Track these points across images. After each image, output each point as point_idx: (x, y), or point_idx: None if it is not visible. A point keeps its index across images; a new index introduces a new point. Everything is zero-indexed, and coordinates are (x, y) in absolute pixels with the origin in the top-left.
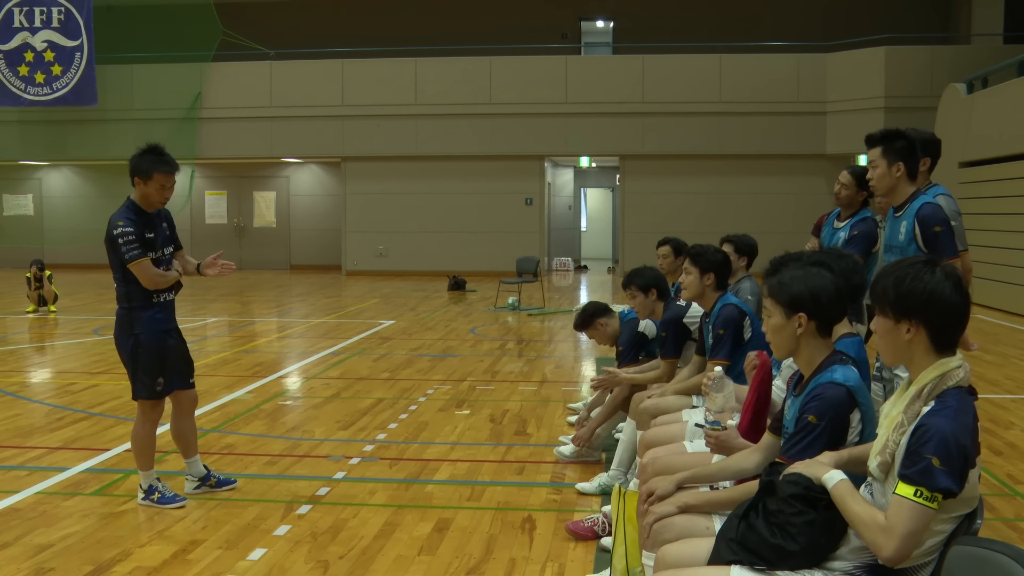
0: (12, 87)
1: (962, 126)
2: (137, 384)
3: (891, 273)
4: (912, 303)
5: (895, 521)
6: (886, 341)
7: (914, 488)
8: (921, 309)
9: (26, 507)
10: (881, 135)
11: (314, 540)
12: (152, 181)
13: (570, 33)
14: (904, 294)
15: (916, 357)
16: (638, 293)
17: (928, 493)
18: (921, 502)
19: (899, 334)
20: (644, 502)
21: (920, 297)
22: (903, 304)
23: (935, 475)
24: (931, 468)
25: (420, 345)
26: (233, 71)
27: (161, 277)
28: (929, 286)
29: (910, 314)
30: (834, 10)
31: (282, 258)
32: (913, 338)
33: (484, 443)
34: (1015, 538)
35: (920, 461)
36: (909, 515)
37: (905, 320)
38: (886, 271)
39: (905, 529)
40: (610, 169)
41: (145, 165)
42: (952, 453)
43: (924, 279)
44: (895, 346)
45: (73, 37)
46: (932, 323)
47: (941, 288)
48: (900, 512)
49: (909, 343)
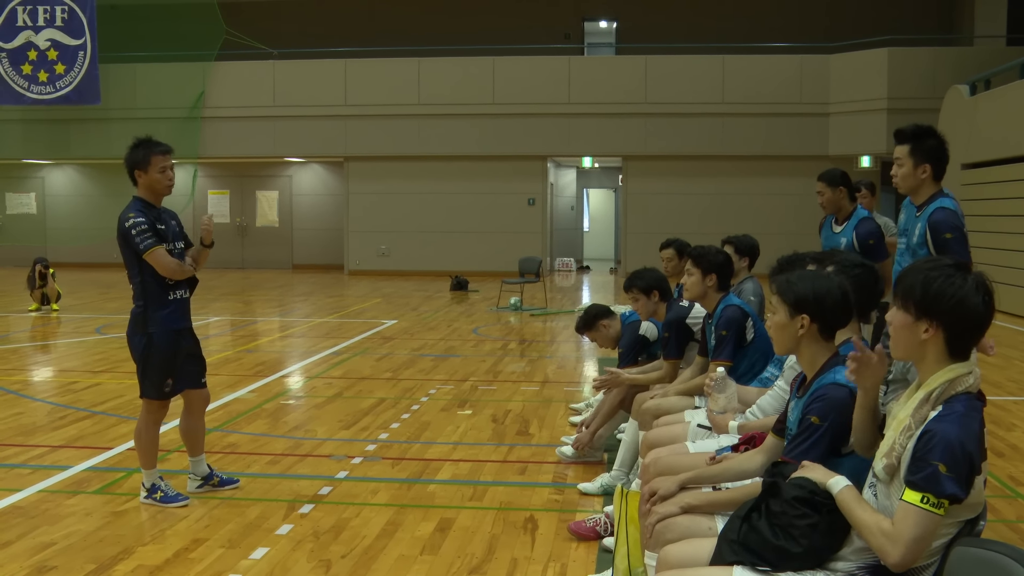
0: (15, 86)
1: (965, 128)
2: (145, 383)
3: (922, 270)
4: (939, 305)
5: (901, 528)
6: (901, 336)
7: (921, 494)
8: (946, 313)
9: (29, 505)
10: (912, 132)
11: (316, 539)
12: (152, 167)
13: (573, 33)
14: (933, 295)
15: (928, 358)
16: (640, 295)
17: (935, 499)
18: (928, 508)
19: (916, 332)
20: (646, 502)
21: (948, 301)
22: (929, 304)
23: (941, 481)
24: (937, 474)
25: (422, 345)
26: (236, 70)
27: (178, 266)
28: (960, 293)
29: (932, 315)
30: (837, 11)
31: (285, 257)
32: (930, 339)
33: (486, 443)
34: (1016, 540)
35: (926, 467)
36: (916, 521)
37: (926, 320)
38: (917, 267)
39: (912, 535)
40: (613, 169)
41: (140, 155)
42: (958, 459)
43: (956, 284)
44: (909, 342)
45: (76, 36)
46: (953, 328)
47: (971, 297)
48: (907, 519)
49: (924, 343)
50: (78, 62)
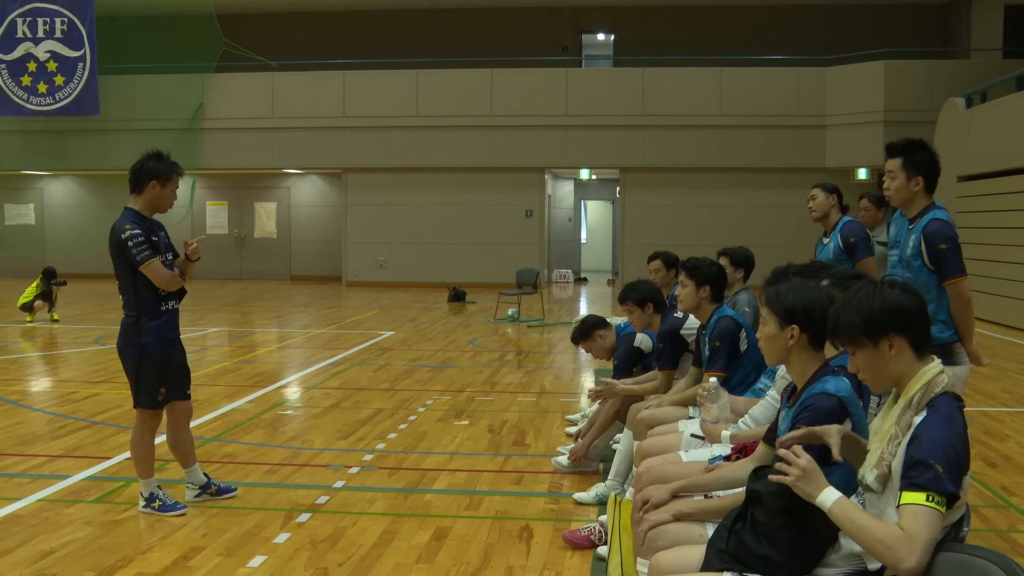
0: (15, 97)
1: (961, 140)
2: (139, 393)
3: (845, 307)
4: (884, 319)
5: (915, 530)
6: (875, 369)
7: (926, 494)
8: (894, 320)
9: (28, 514)
10: (903, 145)
11: (314, 548)
12: (170, 183)
13: (571, 46)
14: (873, 315)
15: (902, 369)
16: (635, 307)
17: (938, 497)
18: (934, 507)
19: (884, 355)
20: (639, 510)
21: (889, 311)
22: (877, 324)
23: (942, 480)
24: (938, 474)
25: (420, 356)
26: (235, 82)
27: (173, 277)
28: (888, 299)
29: (887, 330)
30: (834, 24)
31: (283, 269)
32: (898, 352)
33: (483, 453)
34: (1007, 549)
35: (927, 468)
36: (927, 521)
37: (884, 338)
38: (837, 309)
39: (926, 536)
40: (610, 181)
41: (163, 169)
42: (951, 459)
43: (878, 295)
44: (885, 369)
45: (76, 47)
46: (910, 330)
47: (895, 296)
48: (918, 520)
49: (896, 359)
50: (77, 73)
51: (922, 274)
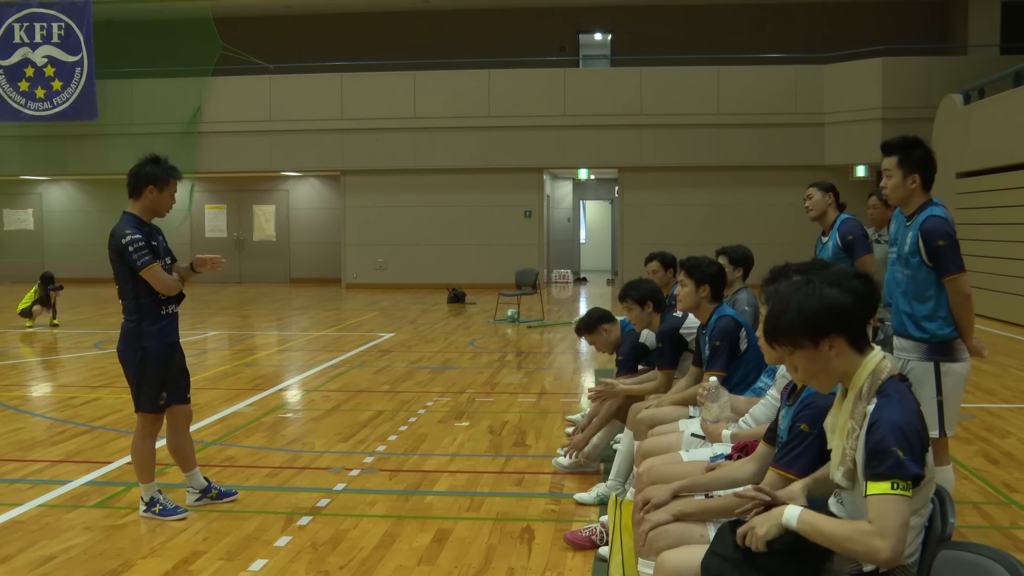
0: (12, 102)
1: (959, 137)
2: (141, 397)
3: (784, 307)
4: (824, 320)
5: (883, 520)
6: (815, 370)
7: (889, 482)
8: (833, 321)
9: (28, 520)
10: (898, 143)
11: (314, 551)
12: (168, 187)
13: (568, 46)
14: (812, 316)
15: (848, 367)
16: (634, 306)
17: (903, 483)
18: (900, 493)
19: (823, 355)
20: (640, 510)
21: (828, 311)
22: (814, 325)
23: (904, 465)
24: (899, 459)
25: (420, 357)
26: (233, 85)
27: (173, 281)
28: (827, 299)
29: (827, 331)
30: (831, 22)
31: (282, 271)
32: (838, 352)
33: (483, 454)
34: (1009, 546)
35: (887, 456)
36: (894, 508)
37: (824, 339)
38: (775, 311)
39: (895, 523)
40: (609, 181)
41: (161, 173)
42: (911, 440)
43: (816, 295)
44: (827, 370)
45: (73, 52)
46: (847, 327)
47: (833, 296)
48: (884, 508)
49: (837, 359)
50: (75, 78)
51: (921, 271)
